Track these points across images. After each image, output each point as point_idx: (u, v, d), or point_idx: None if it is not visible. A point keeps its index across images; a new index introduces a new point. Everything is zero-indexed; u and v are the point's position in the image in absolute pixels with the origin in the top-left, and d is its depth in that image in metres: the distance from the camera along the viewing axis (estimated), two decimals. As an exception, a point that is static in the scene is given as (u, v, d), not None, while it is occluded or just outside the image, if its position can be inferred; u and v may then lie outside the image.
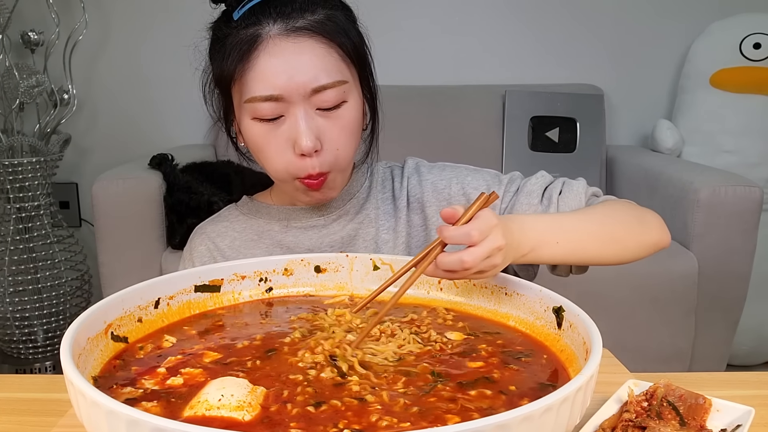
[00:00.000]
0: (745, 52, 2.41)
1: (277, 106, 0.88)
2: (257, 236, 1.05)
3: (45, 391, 0.82)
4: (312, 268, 0.87)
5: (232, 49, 0.88)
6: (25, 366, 2.37)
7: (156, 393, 0.59)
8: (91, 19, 2.47)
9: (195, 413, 0.54)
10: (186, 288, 0.78)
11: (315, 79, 0.87)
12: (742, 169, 2.26)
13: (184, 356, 0.67)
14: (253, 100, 0.88)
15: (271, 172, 0.95)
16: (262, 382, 0.60)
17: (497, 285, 0.79)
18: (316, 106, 0.89)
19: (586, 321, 0.63)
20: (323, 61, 0.88)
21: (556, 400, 0.48)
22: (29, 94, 2.27)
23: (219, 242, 1.05)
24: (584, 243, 0.86)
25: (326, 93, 0.88)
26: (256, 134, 0.91)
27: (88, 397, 0.48)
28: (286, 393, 0.59)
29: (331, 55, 0.89)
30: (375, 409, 0.56)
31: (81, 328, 0.61)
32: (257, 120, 0.90)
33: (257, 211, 1.07)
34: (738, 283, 2.01)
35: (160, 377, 0.63)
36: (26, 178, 2.24)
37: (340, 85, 0.89)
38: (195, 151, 2.40)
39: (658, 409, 0.66)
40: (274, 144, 0.90)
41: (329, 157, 0.91)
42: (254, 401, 0.56)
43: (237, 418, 0.54)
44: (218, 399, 0.55)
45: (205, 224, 1.09)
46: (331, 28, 0.89)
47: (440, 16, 2.67)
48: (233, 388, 0.57)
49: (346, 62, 0.91)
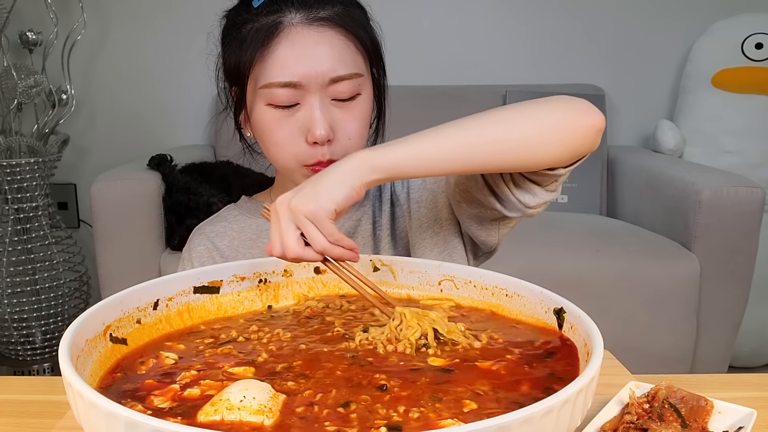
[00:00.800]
0: (747, 52, 2.41)
1: (294, 93, 0.89)
2: (256, 235, 1.04)
3: (43, 393, 0.82)
4: (312, 269, 0.86)
5: (251, 36, 0.89)
6: (23, 368, 2.37)
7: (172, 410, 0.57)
8: (90, 19, 2.47)
9: (216, 410, 0.54)
10: (185, 289, 0.78)
11: (333, 70, 0.88)
12: (744, 169, 2.26)
13: (205, 369, 0.65)
14: (271, 85, 0.89)
15: (279, 159, 0.95)
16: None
17: (498, 286, 0.79)
18: (332, 96, 0.90)
19: (587, 322, 0.63)
20: (342, 52, 0.89)
21: (557, 401, 0.48)
22: (27, 95, 2.27)
23: (218, 242, 1.05)
24: (478, 154, 0.77)
25: (343, 84, 0.89)
26: (268, 120, 0.91)
27: (87, 399, 0.48)
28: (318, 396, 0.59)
29: (350, 47, 0.90)
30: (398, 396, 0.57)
31: (79, 330, 0.61)
32: (271, 106, 0.90)
33: (256, 210, 1.06)
34: (740, 284, 2.01)
35: (173, 393, 0.60)
36: (24, 179, 2.24)
37: (356, 78, 0.90)
38: (194, 152, 2.40)
39: (660, 411, 0.66)
40: (286, 130, 0.91)
41: (340, 147, 0.91)
42: (275, 407, 0.55)
43: (256, 422, 0.54)
44: (240, 400, 0.55)
45: (204, 224, 1.09)
46: (351, 21, 0.91)
47: (440, 16, 2.67)
48: (256, 392, 0.56)
49: (363, 56, 0.92)
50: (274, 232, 0.74)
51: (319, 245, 0.72)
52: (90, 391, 0.49)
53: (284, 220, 0.73)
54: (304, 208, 0.72)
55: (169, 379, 0.62)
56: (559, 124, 0.80)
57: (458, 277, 0.82)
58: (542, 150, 0.79)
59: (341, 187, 0.74)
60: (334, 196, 0.73)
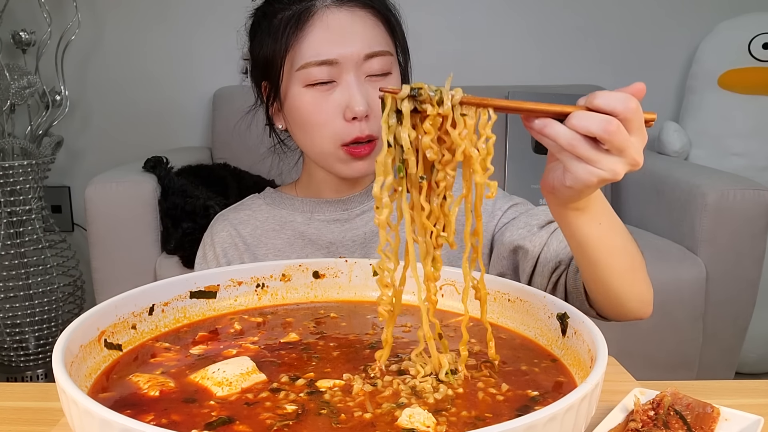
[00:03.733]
0: (754, 53, 2.39)
1: (331, 71, 0.93)
2: (279, 226, 1.07)
3: (37, 399, 0.81)
4: (310, 273, 0.86)
5: (284, 23, 0.94)
6: (17, 374, 2.37)
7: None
8: (84, 19, 2.45)
9: (194, 379, 0.62)
10: (181, 294, 0.77)
11: (368, 46, 0.94)
12: (751, 172, 2.25)
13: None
14: (308, 65, 0.93)
15: (317, 141, 0.97)
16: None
17: (500, 291, 0.78)
18: (367, 72, 0.95)
19: (591, 328, 0.63)
20: (374, 31, 0.95)
21: (561, 408, 0.48)
22: (20, 96, 2.26)
23: (241, 229, 1.07)
24: (614, 245, 0.82)
25: (376, 60, 0.95)
26: (306, 102, 0.95)
27: (81, 406, 0.48)
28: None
29: (380, 27, 0.97)
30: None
31: (74, 336, 0.61)
32: (309, 87, 0.94)
33: (281, 201, 1.09)
34: (747, 288, 2.00)
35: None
36: (17, 182, 2.23)
37: (387, 55, 0.96)
38: (190, 154, 2.41)
39: (665, 418, 0.66)
40: (324, 111, 0.94)
41: (377, 122, 0.94)
42: (237, 382, 0.61)
43: (211, 390, 0.60)
44: (213, 372, 0.62)
45: (227, 212, 1.12)
46: (380, 3, 0.98)
47: (442, 16, 2.66)
48: (231, 366, 0.63)
49: (392, 37, 0.99)
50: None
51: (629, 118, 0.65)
52: (84, 398, 0.49)
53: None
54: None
55: (181, 343, 0.70)
56: (642, 288, 0.89)
57: (459, 282, 0.81)
58: (621, 286, 0.85)
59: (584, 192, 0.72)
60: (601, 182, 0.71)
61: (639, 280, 0.87)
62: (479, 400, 0.60)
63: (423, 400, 0.59)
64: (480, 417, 0.57)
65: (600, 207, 0.79)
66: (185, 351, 0.70)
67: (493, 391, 0.61)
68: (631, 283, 0.86)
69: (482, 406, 0.59)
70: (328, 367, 0.66)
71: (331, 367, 0.66)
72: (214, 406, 0.58)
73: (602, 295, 0.88)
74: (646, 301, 0.90)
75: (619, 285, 0.85)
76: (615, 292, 0.86)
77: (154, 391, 0.60)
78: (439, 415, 0.56)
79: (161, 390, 0.60)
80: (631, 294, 0.87)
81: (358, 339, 0.74)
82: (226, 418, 0.56)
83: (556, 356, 0.69)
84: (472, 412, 0.57)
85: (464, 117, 0.60)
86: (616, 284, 0.85)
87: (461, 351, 0.65)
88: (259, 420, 0.55)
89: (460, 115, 0.60)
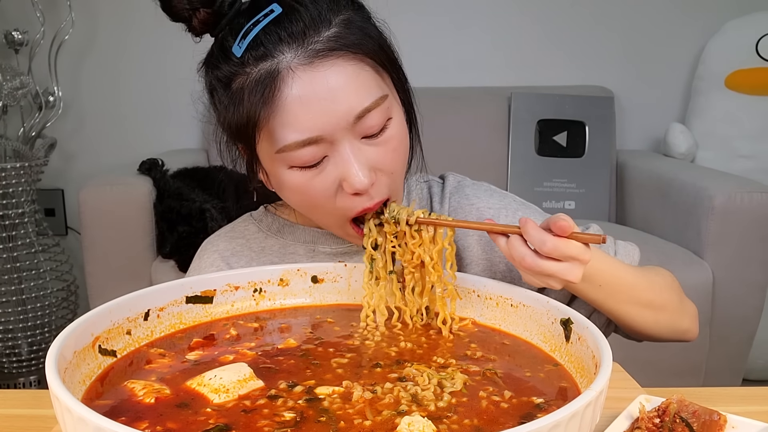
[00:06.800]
0: (761, 53, 2.37)
1: (318, 149, 0.77)
2: (278, 259, 0.95)
3: (29, 406, 0.81)
4: (309, 278, 0.85)
5: (247, 92, 0.76)
6: (9, 381, 2.34)
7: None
8: (78, 18, 2.44)
9: (190, 385, 0.62)
10: (177, 299, 0.77)
11: (357, 104, 0.76)
12: (759, 174, 2.23)
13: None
14: (288, 148, 0.77)
15: (317, 218, 0.87)
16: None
17: (502, 296, 0.78)
18: (362, 134, 0.78)
19: (595, 333, 0.62)
20: (358, 80, 0.77)
21: (564, 416, 0.47)
22: (13, 96, 2.24)
23: (233, 263, 0.95)
24: (623, 297, 0.86)
25: (370, 116, 0.77)
26: (297, 184, 0.80)
27: (75, 414, 0.48)
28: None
29: (364, 69, 0.78)
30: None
31: (67, 341, 0.60)
32: (295, 168, 0.79)
33: (279, 229, 0.97)
34: (754, 293, 1.98)
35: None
36: (10, 184, 2.20)
37: (382, 102, 0.78)
38: (186, 156, 2.39)
39: (671, 425, 0.65)
40: (321, 190, 0.80)
41: (384, 185, 0.81)
42: (235, 389, 0.60)
43: (208, 397, 0.60)
44: (210, 379, 0.61)
45: (218, 239, 0.98)
46: (354, 37, 0.78)
47: (444, 15, 2.64)
48: (229, 372, 0.62)
49: (379, 71, 0.80)
50: (559, 265, 0.74)
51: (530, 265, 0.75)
52: (78, 405, 0.48)
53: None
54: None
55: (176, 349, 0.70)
56: (677, 318, 0.94)
57: (461, 287, 0.80)
58: (652, 326, 0.91)
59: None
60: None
61: (664, 319, 0.91)
62: (482, 408, 0.59)
63: (424, 408, 0.58)
64: (481, 425, 0.56)
65: (593, 272, 0.82)
66: (181, 357, 0.69)
67: (497, 398, 0.61)
68: (654, 321, 0.90)
69: (485, 413, 0.58)
70: (328, 374, 0.65)
71: (330, 374, 0.65)
72: (211, 413, 0.57)
73: (635, 334, 0.94)
74: (681, 330, 0.93)
75: (643, 324, 0.89)
76: (646, 333, 0.92)
77: (150, 398, 0.60)
78: (440, 422, 0.56)
79: (157, 397, 0.60)
80: (658, 328, 0.91)
81: (357, 345, 0.73)
82: (223, 425, 0.55)
83: (560, 362, 0.69)
84: (474, 420, 0.57)
85: (419, 232, 0.78)
86: (641, 324, 0.90)
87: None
88: (256, 428, 0.55)
89: (414, 231, 0.78)
